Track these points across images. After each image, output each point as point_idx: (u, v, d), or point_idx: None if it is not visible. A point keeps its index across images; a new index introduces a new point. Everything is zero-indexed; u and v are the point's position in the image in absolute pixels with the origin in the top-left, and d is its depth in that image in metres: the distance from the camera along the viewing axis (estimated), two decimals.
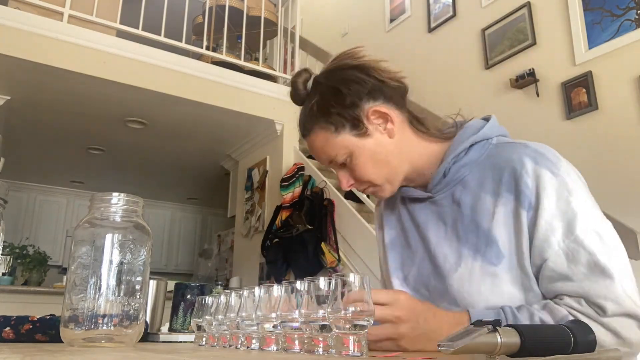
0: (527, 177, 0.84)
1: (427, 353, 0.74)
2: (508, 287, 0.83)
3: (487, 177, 0.90)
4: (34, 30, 3.20)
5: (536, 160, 0.85)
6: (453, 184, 0.93)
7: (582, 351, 0.56)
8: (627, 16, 3.00)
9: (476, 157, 0.92)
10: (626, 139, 2.88)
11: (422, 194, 0.97)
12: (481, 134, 0.93)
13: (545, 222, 0.82)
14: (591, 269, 0.78)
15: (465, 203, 0.91)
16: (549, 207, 0.82)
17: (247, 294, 0.83)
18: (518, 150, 0.88)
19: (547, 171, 0.84)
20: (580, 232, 0.80)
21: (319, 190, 3.49)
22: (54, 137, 4.58)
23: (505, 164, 0.88)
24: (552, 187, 0.82)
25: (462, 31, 4.09)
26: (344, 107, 0.91)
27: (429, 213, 0.97)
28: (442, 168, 0.93)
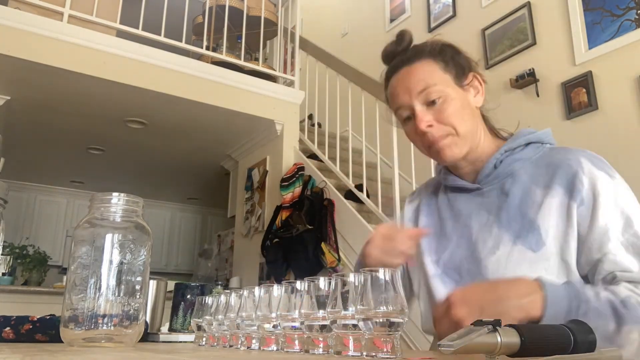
0: (583, 175, 0.87)
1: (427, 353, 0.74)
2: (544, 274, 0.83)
3: (540, 173, 0.92)
4: (34, 31, 3.20)
5: (593, 162, 0.88)
6: (504, 176, 0.95)
7: (582, 351, 0.56)
8: (627, 16, 3.00)
9: (531, 154, 0.95)
10: (626, 139, 2.88)
11: (470, 185, 0.99)
12: (538, 135, 0.97)
13: (604, 217, 0.83)
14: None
15: (514, 194, 0.92)
16: (607, 204, 0.84)
17: (247, 294, 0.83)
18: (575, 152, 0.91)
19: (604, 173, 0.87)
20: (639, 228, 0.82)
21: (319, 190, 3.49)
22: (54, 137, 4.58)
23: (561, 162, 0.90)
24: (610, 188, 0.85)
25: (462, 31, 4.09)
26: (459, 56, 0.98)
27: (473, 204, 0.98)
28: (494, 159, 0.95)
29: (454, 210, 1.00)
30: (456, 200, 1.01)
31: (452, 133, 0.93)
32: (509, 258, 0.87)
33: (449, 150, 0.94)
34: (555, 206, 0.87)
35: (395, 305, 0.60)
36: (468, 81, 0.96)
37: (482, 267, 0.89)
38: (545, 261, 0.85)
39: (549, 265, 0.85)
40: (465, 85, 0.96)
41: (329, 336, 0.66)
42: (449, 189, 1.04)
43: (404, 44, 1.00)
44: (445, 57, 0.96)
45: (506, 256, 0.87)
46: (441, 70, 0.94)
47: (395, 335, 0.59)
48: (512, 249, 0.87)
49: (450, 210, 1.01)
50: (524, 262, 0.85)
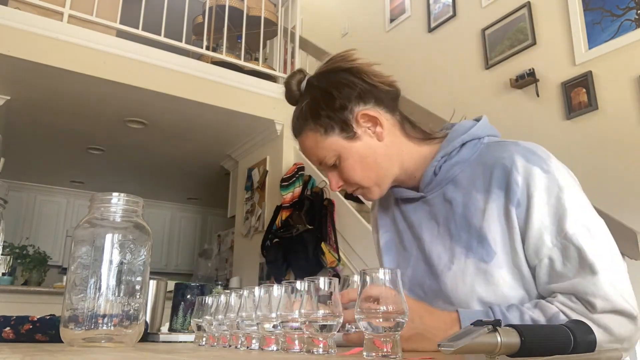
0: (517, 174, 0.84)
1: (427, 353, 0.74)
2: (501, 284, 0.83)
3: (478, 175, 0.90)
4: (34, 30, 3.20)
5: (527, 158, 0.85)
6: (445, 183, 0.94)
7: (582, 351, 0.56)
8: (627, 16, 3.00)
9: (468, 156, 0.93)
10: (626, 139, 2.88)
11: (415, 194, 0.98)
12: (471, 133, 0.94)
13: (538, 220, 0.82)
14: (580, 265, 0.79)
15: (457, 201, 0.91)
16: (540, 205, 0.82)
17: (247, 294, 0.83)
18: (509, 148, 0.88)
19: (538, 168, 0.84)
20: (569, 228, 0.80)
21: (319, 190, 3.49)
22: (54, 137, 4.58)
23: (496, 162, 0.88)
24: (543, 185, 0.83)
25: (462, 31, 4.09)
26: (334, 110, 0.92)
27: (422, 213, 0.97)
28: (432, 167, 0.94)
29: (407, 221, 1.00)
30: (408, 211, 1.01)
31: (360, 186, 0.95)
32: (465, 272, 0.86)
33: (369, 195, 0.97)
34: (496, 211, 0.86)
35: (396, 305, 0.60)
36: (355, 129, 0.92)
37: (441, 282, 0.89)
38: (499, 269, 0.84)
39: (505, 273, 0.84)
40: (355, 134, 0.92)
41: (329, 336, 0.66)
42: (400, 200, 1.03)
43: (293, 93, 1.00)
44: (321, 120, 0.93)
45: (462, 270, 0.87)
46: (323, 136, 0.93)
47: (396, 335, 0.59)
48: (466, 263, 0.87)
49: (404, 222, 1.01)
50: (479, 275, 0.85)
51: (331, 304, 0.66)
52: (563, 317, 0.77)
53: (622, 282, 0.78)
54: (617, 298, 0.76)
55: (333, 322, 0.66)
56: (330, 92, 0.93)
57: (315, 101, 0.94)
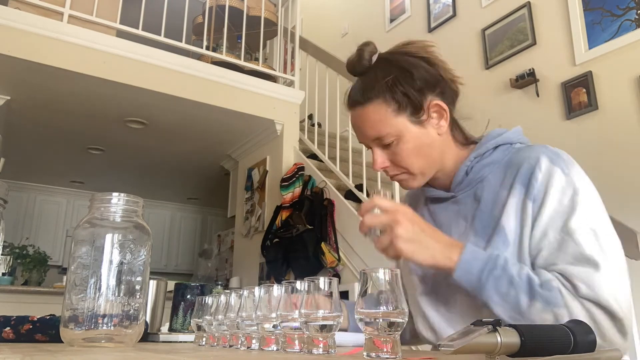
0: (539, 172, 0.87)
1: (427, 353, 0.74)
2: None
3: (506, 175, 0.93)
4: (34, 31, 3.20)
5: (551, 159, 0.88)
6: (475, 183, 0.96)
7: (582, 351, 0.56)
8: (627, 16, 3.00)
9: (499, 158, 0.96)
10: (626, 139, 2.88)
11: (445, 194, 1.00)
12: (504, 137, 0.97)
13: (547, 216, 0.85)
14: (576, 258, 0.80)
15: (486, 199, 0.94)
16: (553, 202, 0.85)
17: (247, 294, 0.83)
18: (536, 149, 0.92)
19: (559, 169, 0.87)
20: (573, 225, 0.82)
21: (319, 190, 3.49)
22: (54, 137, 4.58)
23: (523, 161, 0.91)
24: (560, 184, 0.86)
25: (462, 31, 4.09)
26: (413, 89, 0.92)
27: (451, 212, 0.99)
28: (464, 166, 0.96)
29: (436, 222, 1.02)
30: (436, 211, 1.03)
31: (405, 172, 0.96)
32: None
33: (405, 184, 0.98)
34: (515, 205, 0.89)
35: (396, 306, 0.60)
36: (426, 114, 0.93)
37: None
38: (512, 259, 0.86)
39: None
40: (422, 119, 0.93)
41: (329, 336, 0.66)
42: (429, 200, 1.05)
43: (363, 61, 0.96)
44: (397, 95, 0.91)
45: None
46: (393, 113, 0.91)
47: (395, 335, 0.59)
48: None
49: (432, 221, 1.03)
50: None
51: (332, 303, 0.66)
52: (556, 285, 0.79)
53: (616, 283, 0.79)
54: (603, 293, 0.77)
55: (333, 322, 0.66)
56: (410, 71, 0.92)
57: (395, 76, 0.92)
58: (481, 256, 0.83)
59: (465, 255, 0.82)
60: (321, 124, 4.57)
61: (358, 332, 0.85)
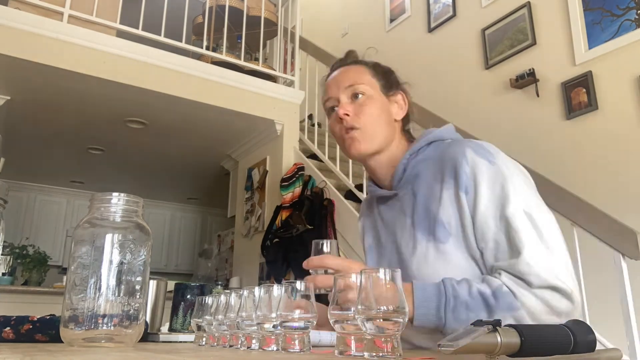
0: (465, 164, 0.93)
1: (427, 353, 0.74)
2: (459, 263, 0.90)
3: (437, 169, 0.99)
4: (34, 30, 3.20)
5: (476, 151, 0.94)
6: (412, 178, 1.03)
7: (582, 351, 0.56)
8: (627, 16, 3.00)
9: (432, 154, 1.02)
10: (626, 139, 2.88)
11: (389, 193, 1.07)
12: (436, 134, 1.06)
13: (484, 206, 0.90)
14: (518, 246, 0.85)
15: (421, 193, 1.00)
16: (485, 192, 0.90)
17: (247, 294, 0.83)
18: (462, 143, 0.98)
19: (485, 160, 0.92)
20: (509, 213, 0.87)
21: (319, 190, 3.49)
22: (54, 137, 4.58)
23: (451, 155, 0.97)
24: (488, 174, 0.91)
25: (462, 31, 4.09)
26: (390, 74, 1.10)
27: (395, 210, 1.05)
28: (401, 164, 1.04)
29: (384, 220, 1.09)
30: (384, 210, 1.10)
31: (360, 127, 1.02)
32: (426, 255, 0.94)
33: (355, 144, 1.03)
34: (449, 198, 0.93)
35: (396, 305, 0.60)
36: (393, 93, 1.07)
37: (408, 268, 0.96)
38: (456, 250, 0.91)
39: (461, 253, 0.91)
40: (390, 95, 1.07)
41: None
42: (378, 201, 1.12)
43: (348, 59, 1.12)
44: (377, 69, 1.08)
45: (424, 253, 0.94)
46: (370, 75, 1.07)
47: (396, 335, 0.59)
48: (427, 246, 0.94)
49: (382, 221, 1.10)
50: (439, 255, 0.92)
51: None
52: (506, 290, 0.83)
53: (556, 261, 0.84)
54: (549, 275, 0.82)
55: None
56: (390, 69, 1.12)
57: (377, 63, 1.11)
58: (430, 294, 0.84)
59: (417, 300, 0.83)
60: (321, 124, 4.57)
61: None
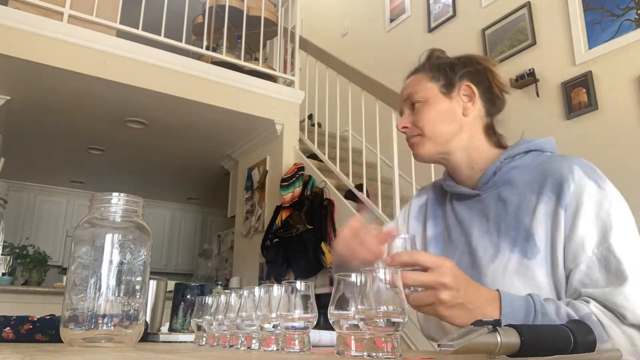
0: (572, 182, 0.88)
1: (427, 353, 0.74)
2: (541, 282, 0.85)
3: (535, 180, 0.94)
4: (34, 31, 3.20)
5: (585, 171, 0.89)
6: (501, 184, 0.98)
7: (582, 351, 0.56)
8: (627, 16, 3.00)
9: (529, 162, 0.97)
10: (626, 139, 2.88)
11: (470, 192, 1.02)
12: (536, 144, 1.00)
13: (584, 228, 0.84)
14: (617, 276, 0.80)
15: (511, 201, 0.94)
16: (589, 214, 0.85)
17: (247, 294, 0.83)
18: (570, 160, 0.92)
19: (593, 182, 0.87)
20: (613, 242, 0.82)
21: (319, 190, 3.49)
22: (54, 137, 4.58)
23: (555, 169, 0.92)
24: (595, 197, 0.86)
25: (462, 31, 4.09)
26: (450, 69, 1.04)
27: (474, 210, 1.00)
28: (493, 166, 0.98)
29: (458, 217, 1.03)
30: (459, 207, 1.04)
31: (420, 134, 1.01)
32: (506, 266, 0.88)
33: (416, 148, 1.03)
34: (546, 212, 0.89)
35: (396, 305, 0.60)
36: (454, 91, 1.02)
37: (482, 274, 0.91)
38: (541, 268, 0.86)
39: (546, 272, 0.86)
40: (451, 94, 1.02)
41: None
42: (453, 196, 1.07)
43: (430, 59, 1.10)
44: (436, 69, 1.04)
45: (504, 264, 0.89)
46: (427, 79, 1.03)
47: (396, 335, 0.59)
48: (510, 257, 0.89)
49: (454, 217, 1.04)
50: (521, 270, 0.87)
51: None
52: (595, 320, 0.77)
53: None
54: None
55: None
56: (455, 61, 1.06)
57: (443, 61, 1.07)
58: (518, 305, 0.78)
59: (505, 309, 0.78)
60: (321, 124, 4.57)
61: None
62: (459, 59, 1.07)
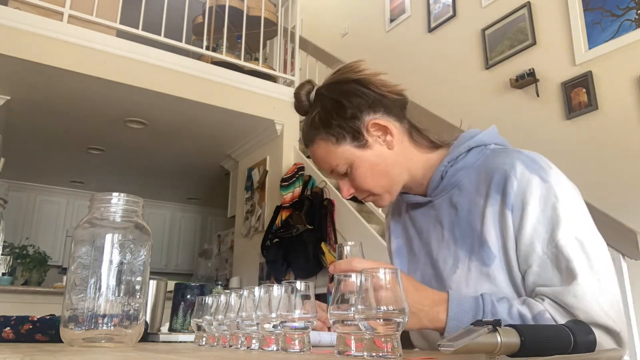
0: (514, 179, 0.85)
1: (428, 353, 0.74)
2: (502, 287, 0.84)
3: (481, 180, 0.91)
4: (34, 31, 3.20)
5: (527, 165, 0.86)
6: (450, 188, 0.95)
7: (582, 351, 0.56)
8: (627, 16, 3.00)
9: (473, 161, 0.94)
10: (626, 139, 2.88)
11: (422, 199, 1.00)
12: (477, 139, 0.96)
13: (531, 227, 0.82)
14: (567, 275, 0.79)
15: (462, 206, 0.93)
16: (534, 212, 0.83)
17: (247, 294, 0.83)
18: (511, 155, 0.89)
19: (537, 177, 0.84)
20: (561, 239, 0.80)
21: (319, 190, 3.49)
22: (54, 137, 4.58)
23: (497, 167, 0.89)
24: (540, 193, 0.83)
25: (462, 31, 4.09)
26: (345, 119, 0.94)
27: (429, 218, 0.99)
28: (439, 171, 0.95)
29: (416, 227, 1.02)
30: (416, 216, 1.03)
31: (371, 194, 0.97)
32: (468, 275, 0.87)
33: (380, 202, 0.99)
34: (493, 215, 0.87)
35: (396, 305, 0.60)
36: (366, 138, 0.94)
37: (446, 286, 0.90)
38: (500, 273, 0.85)
39: (504, 277, 0.85)
40: (366, 142, 0.94)
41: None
42: (409, 206, 1.05)
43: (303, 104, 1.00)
44: (332, 129, 0.94)
45: (465, 274, 0.88)
46: (335, 145, 0.94)
47: (396, 335, 0.59)
48: (470, 266, 0.88)
49: (413, 228, 1.03)
50: (482, 278, 0.86)
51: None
52: (548, 317, 0.77)
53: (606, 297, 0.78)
54: (597, 313, 0.76)
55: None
56: (341, 101, 0.94)
57: (326, 111, 0.95)
58: (466, 307, 0.79)
59: (452, 311, 0.78)
60: None
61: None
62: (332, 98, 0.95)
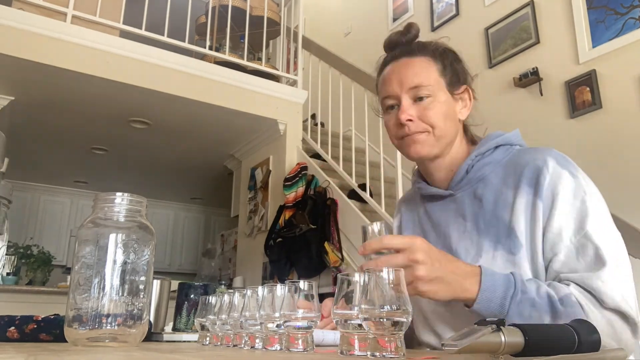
0: (546, 172, 0.88)
1: (430, 353, 0.74)
2: (527, 275, 0.85)
3: (509, 174, 0.93)
4: (38, 31, 3.21)
5: (558, 161, 0.89)
6: (475, 182, 0.97)
7: (586, 351, 0.55)
8: (631, 14, 2.98)
9: (500, 158, 0.97)
10: (630, 138, 2.87)
11: (443, 192, 1.00)
12: (505, 138, 0.99)
13: (560, 217, 0.85)
14: (595, 261, 0.81)
15: (487, 199, 0.94)
16: (565, 204, 0.85)
17: (250, 293, 0.83)
18: (542, 151, 0.92)
19: (567, 172, 0.87)
20: (590, 228, 0.83)
21: (322, 190, 3.49)
22: (58, 138, 4.59)
23: (528, 162, 0.91)
24: (570, 186, 0.86)
25: (465, 30, 4.08)
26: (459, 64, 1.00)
27: (449, 211, 0.99)
28: (465, 164, 0.97)
29: (433, 220, 1.02)
30: (433, 210, 1.02)
31: (428, 131, 0.95)
32: (492, 264, 0.87)
33: (420, 147, 0.95)
34: (524, 206, 0.88)
35: (399, 305, 0.59)
36: (459, 92, 0.98)
37: None
38: (525, 262, 0.86)
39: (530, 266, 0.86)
40: (455, 94, 0.98)
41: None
42: (425, 199, 1.05)
43: (409, 35, 1.00)
44: (445, 61, 0.97)
45: (490, 262, 0.88)
46: (438, 72, 0.96)
47: (399, 334, 0.59)
48: (495, 255, 0.89)
49: (429, 221, 1.03)
50: (508, 266, 0.86)
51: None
52: (574, 300, 0.78)
53: (629, 290, 0.80)
54: (621, 300, 0.78)
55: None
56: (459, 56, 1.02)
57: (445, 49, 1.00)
58: (499, 281, 0.79)
59: (485, 284, 0.79)
60: (324, 124, 4.57)
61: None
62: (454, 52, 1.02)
